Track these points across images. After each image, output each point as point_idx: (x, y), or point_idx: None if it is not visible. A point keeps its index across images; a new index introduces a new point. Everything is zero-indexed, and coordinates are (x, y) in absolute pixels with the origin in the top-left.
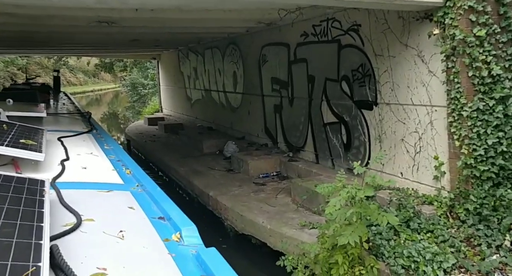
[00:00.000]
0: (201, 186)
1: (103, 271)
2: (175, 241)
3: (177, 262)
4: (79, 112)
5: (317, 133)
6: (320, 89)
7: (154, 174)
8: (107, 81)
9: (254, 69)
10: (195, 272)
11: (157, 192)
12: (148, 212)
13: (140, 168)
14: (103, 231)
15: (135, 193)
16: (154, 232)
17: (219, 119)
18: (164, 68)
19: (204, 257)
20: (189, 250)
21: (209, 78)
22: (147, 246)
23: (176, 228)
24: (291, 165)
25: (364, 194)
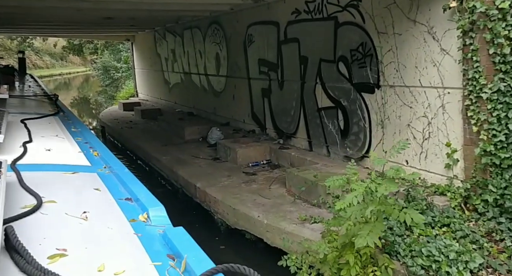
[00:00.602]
0: (186, 176)
1: (63, 252)
2: (142, 221)
3: (143, 241)
4: (45, 94)
5: (311, 119)
6: (314, 71)
7: (133, 163)
8: (76, 65)
9: (239, 50)
10: (162, 251)
11: (125, 173)
12: (115, 193)
13: (109, 150)
14: (66, 212)
15: (102, 175)
16: (120, 213)
17: (201, 104)
18: (139, 50)
19: (171, 236)
20: (156, 230)
21: (188, 60)
22: (112, 226)
23: (144, 208)
24: (283, 153)
25: (387, 191)
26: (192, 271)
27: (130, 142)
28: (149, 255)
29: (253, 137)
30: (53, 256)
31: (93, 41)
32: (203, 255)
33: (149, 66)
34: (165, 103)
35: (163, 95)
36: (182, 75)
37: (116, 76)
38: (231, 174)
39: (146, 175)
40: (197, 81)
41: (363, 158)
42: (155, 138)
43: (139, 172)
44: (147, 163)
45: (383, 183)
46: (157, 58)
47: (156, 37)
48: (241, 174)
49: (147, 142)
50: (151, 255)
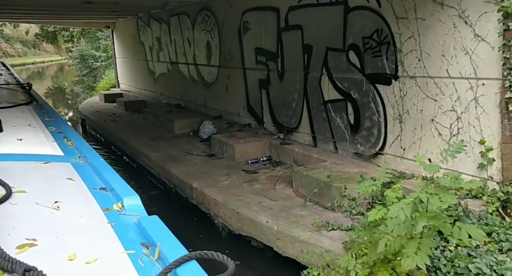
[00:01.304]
0: (180, 175)
1: (32, 241)
2: (116, 210)
3: (116, 230)
4: (18, 83)
5: (315, 112)
6: (319, 60)
7: (118, 159)
8: (49, 53)
9: (233, 38)
10: (136, 239)
11: (99, 163)
12: (89, 183)
13: (84, 139)
14: (36, 202)
15: (76, 165)
16: (94, 202)
17: (190, 95)
18: (121, 38)
19: (145, 225)
20: (130, 219)
21: (176, 49)
22: (84, 216)
23: (118, 198)
24: (285, 149)
25: (444, 204)
26: (165, 258)
27: (115, 137)
28: (123, 244)
29: (250, 132)
30: (22, 246)
31: (68, 28)
32: (177, 243)
33: (132, 55)
34: (150, 94)
35: (147, 85)
36: (169, 65)
37: (95, 65)
38: (230, 172)
39: (133, 173)
40: (186, 71)
41: (376, 156)
42: (141, 132)
43: (126, 169)
44: (134, 160)
45: (436, 193)
46: (140, 46)
47: (140, 24)
48: (240, 172)
49: (133, 137)
50: (125, 244)
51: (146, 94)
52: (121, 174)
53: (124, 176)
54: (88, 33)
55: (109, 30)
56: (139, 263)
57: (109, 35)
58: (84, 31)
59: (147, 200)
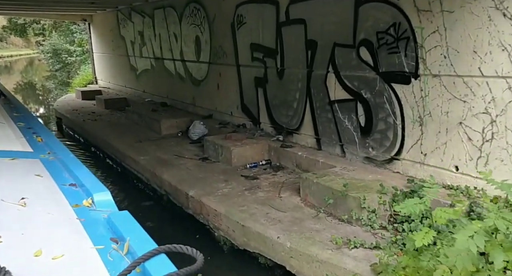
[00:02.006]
0: (174, 181)
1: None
2: (86, 206)
3: (85, 226)
4: None
5: (320, 113)
6: (325, 57)
7: (100, 162)
8: (18, 47)
9: (225, 33)
10: (105, 235)
11: (70, 159)
12: (58, 179)
13: (54, 135)
14: (1, 199)
15: (45, 161)
16: (63, 198)
17: (176, 93)
18: (98, 32)
19: (115, 220)
20: (100, 214)
21: (161, 44)
22: (52, 212)
23: (88, 194)
24: (286, 153)
25: None
26: (135, 253)
27: (96, 138)
28: (91, 239)
29: (245, 133)
30: None
31: (39, 21)
32: (147, 237)
33: (111, 50)
34: (132, 91)
35: (128, 82)
36: (153, 61)
37: (69, 60)
38: (228, 178)
39: (119, 178)
40: (172, 67)
41: (391, 161)
42: (125, 132)
43: (110, 173)
44: (119, 163)
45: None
46: (121, 41)
47: (120, 18)
48: (240, 178)
49: (117, 138)
50: (94, 239)
51: (127, 91)
52: (105, 179)
53: (108, 182)
54: (60, 26)
55: (86, 23)
56: (108, 258)
57: (84, 29)
58: (57, 24)
59: (135, 209)
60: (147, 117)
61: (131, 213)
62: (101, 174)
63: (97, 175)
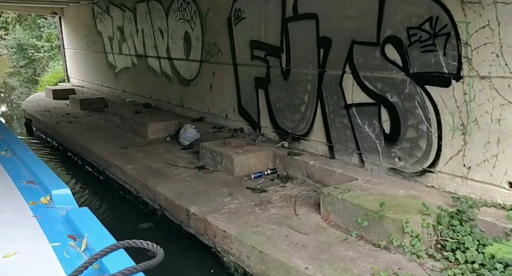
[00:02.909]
0: (170, 195)
1: None
2: (44, 204)
3: (42, 224)
4: None
5: (333, 118)
6: (341, 56)
7: (79, 170)
8: None
9: (220, 29)
10: (63, 232)
11: (28, 156)
12: (15, 176)
13: (12, 132)
14: None
15: (1, 158)
16: (19, 196)
17: (161, 93)
18: (71, 27)
19: (74, 217)
20: (59, 211)
21: (144, 40)
22: (7, 210)
23: (47, 191)
24: (294, 161)
25: None
26: (93, 249)
27: (73, 142)
28: (48, 237)
29: (244, 138)
30: None
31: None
32: (106, 234)
33: (86, 46)
34: (109, 91)
35: (106, 81)
36: (134, 58)
37: (36, 56)
38: (233, 191)
39: (101, 188)
40: (156, 66)
41: (424, 173)
42: (107, 137)
43: (90, 183)
44: (102, 172)
45: None
46: (97, 37)
47: (96, 11)
48: (245, 190)
49: (98, 143)
50: (50, 237)
51: (104, 90)
52: (84, 190)
53: (89, 193)
54: (26, 20)
55: (56, 17)
56: (64, 255)
57: (53, 23)
58: (21, 17)
59: (123, 225)
60: (130, 120)
61: (117, 230)
62: (81, 184)
63: (75, 185)
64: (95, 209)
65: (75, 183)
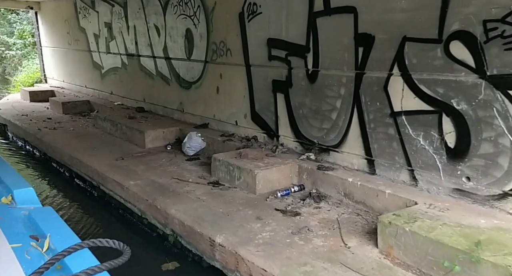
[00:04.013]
0: (187, 220)
1: None
2: (6, 204)
3: (2, 225)
4: None
5: (375, 127)
6: (387, 55)
7: (68, 184)
8: None
9: (230, 26)
10: (24, 232)
11: None
12: None
13: None
14: None
15: None
16: None
17: (157, 97)
18: (49, 23)
19: (36, 217)
20: (21, 212)
21: (136, 38)
22: None
23: (9, 191)
24: (326, 177)
25: None
26: (56, 250)
27: (60, 152)
28: (8, 238)
29: (261, 148)
30: None
31: None
32: (70, 233)
33: (67, 44)
34: (95, 93)
35: (90, 82)
36: (125, 58)
37: (7, 54)
38: (260, 214)
39: (97, 207)
40: (151, 66)
41: (504, 197)
42: (99, 146)
43: (83, 200)
44: (96, 187)
45: None
46: (80, 34)
47: (79, 6)
48: (274, 213)
49: (90, 153)
50: (10, 238)
51: (88, 92)
52: (77, 207)
53: (82, 211)
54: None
55: (32, 11)
56: (25, 256)
57: (25, 19)
58: None
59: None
60: (124, 126)
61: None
62: (69, 201)
63: (61, 201)
64: (90, 232)
65: (62, 199)
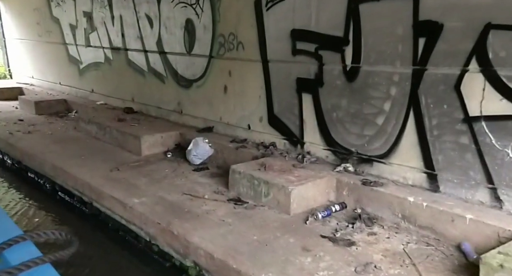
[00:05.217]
0: (218, 251)
1: None
2: None
3: None
4: None
5: (439, 134)
6: (461, 48)
7: (49, 198)
8: None
9: (242, 16)
10: None
11: None
12: None
13: None
14: None
15: None
16: None
17: (149, 96)
18: (15, 12)
19: None
20: None
21: (123, 30)
22: None
23: None
24: (377, 195)
25: None
26: None
27: (39, 161)
28: None
29: (284, 157)
30: None
31: None
32: (11, 225)
33: (37, 35)
34: (71, 91)
35: (66, 79)
36: (109, 52)
37: None
38: (304, 242)
39: (89, 226)
40: (142, 61)
41: None
42: (86, 153)
43: (69, 219)
44: (87, 203)
45: None
46: (53, 24)
47: None
48: (321, 241)
49: (77, 163)
50: None
51: (63, 90)
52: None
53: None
54: None
55: None
56: None
57: None
58: None
59: None
60: (114, 130)
61: None
62: (54, 219)
63: (45, 219)
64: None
65: (44, 217)
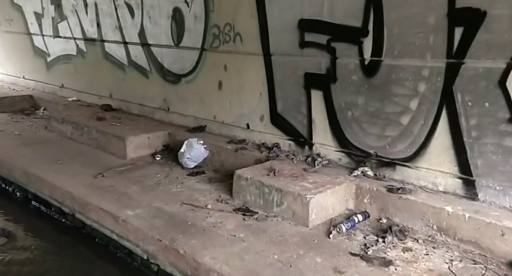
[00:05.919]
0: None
1: None
2: None
3: None
4: None
5: (478, 136)
6: (508, 38)
7: (18, 207)
8: None
9: (240, 4)
10: None
11: None
12: None
13: None
14: None
15: None
16: None
17: (130, 92)
18: None
19: None
20: None
21: (98, 19)
22: None
23: None
24: (406, 204)
25: None
26: None
27: (7, 166)
28: None
29: (291, 160)
30: None
31: None
32: None
33: None
34: (37, 85)
35: (30, 73)
36: (82, 43)
37: None
38: (334, 263)
39: (74, 243)
40: (121, 54)
41: None
42: (62, 157)
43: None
44: (69, 214)
45: None
46: (13, 12)
47: None
48: (352, 259)
49: (53, 168)
50: None
51: (28, 85)
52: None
53: (49, 249)
54: None
55: None
56: None
57: None
58: None
59: None
60: (94, 130)
61: None
62: (28, 233)
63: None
64: None
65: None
